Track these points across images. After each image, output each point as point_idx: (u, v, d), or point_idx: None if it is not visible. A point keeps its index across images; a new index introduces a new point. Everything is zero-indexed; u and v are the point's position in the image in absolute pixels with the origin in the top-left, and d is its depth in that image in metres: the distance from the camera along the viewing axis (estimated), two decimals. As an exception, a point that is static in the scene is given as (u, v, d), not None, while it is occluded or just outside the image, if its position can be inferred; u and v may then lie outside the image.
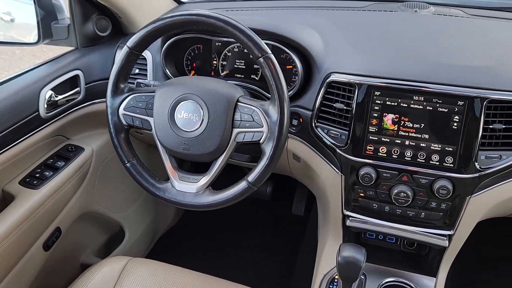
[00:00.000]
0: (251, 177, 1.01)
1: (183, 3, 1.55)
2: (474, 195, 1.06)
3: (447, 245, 1.14)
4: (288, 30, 1.18)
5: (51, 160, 1.33)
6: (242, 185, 1.01)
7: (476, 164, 1.02)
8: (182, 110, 1.03)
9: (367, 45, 1.17)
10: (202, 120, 1.02)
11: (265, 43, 0.97)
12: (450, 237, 1.14)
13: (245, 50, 1.26)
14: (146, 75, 1.33)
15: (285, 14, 1.39)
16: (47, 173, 1.28)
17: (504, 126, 1.01)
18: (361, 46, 1.16)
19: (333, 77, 1.10)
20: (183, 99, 1.04)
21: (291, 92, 1.19)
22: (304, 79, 1.19)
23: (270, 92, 0.98)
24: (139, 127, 1.08)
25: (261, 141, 1.00)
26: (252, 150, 1.30)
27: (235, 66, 1.30)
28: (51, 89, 1.25)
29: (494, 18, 1.31)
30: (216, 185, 1.06)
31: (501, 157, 1.02)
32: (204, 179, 1.05)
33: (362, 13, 1.36)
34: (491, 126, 1.01)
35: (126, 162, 1.09)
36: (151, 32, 1.01)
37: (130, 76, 1.11)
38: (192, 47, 1.33)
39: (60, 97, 1.28)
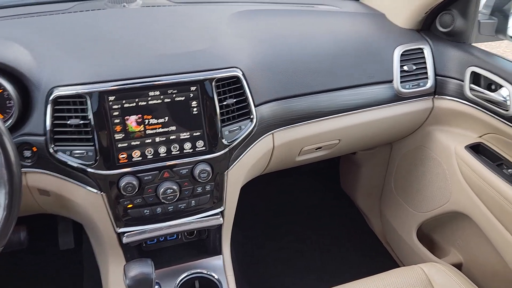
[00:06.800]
0: (-12, 238, 0.80)
1: None
2: (230, 168, 1.14)
3: (222, 221, 1.20)
4: None
5: None
6: None
7: (223, 140, 1.09)
8: None
9: (84, 50, 1.07)
10: None
11: None
12: (222, 213, 1.21)
13: None
14: None
15: None
16: None
17: (235, 100, 1.10)
18: (78, 52, 1.06)
19: (57, 92, 0.97)
20: None
21: (11, 120, 0.99)
22: (23, 102, 1.01)
23: None
24: None
25: None
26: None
27: None
28: None
29: (198, 4, 1.40)
30: None
31: (241, 128, 1.11)
32: None
33: (68, 16, 1.23)
34: (225, 103, 1.08)
35: None
36: None
37: None
38: None
39: None
